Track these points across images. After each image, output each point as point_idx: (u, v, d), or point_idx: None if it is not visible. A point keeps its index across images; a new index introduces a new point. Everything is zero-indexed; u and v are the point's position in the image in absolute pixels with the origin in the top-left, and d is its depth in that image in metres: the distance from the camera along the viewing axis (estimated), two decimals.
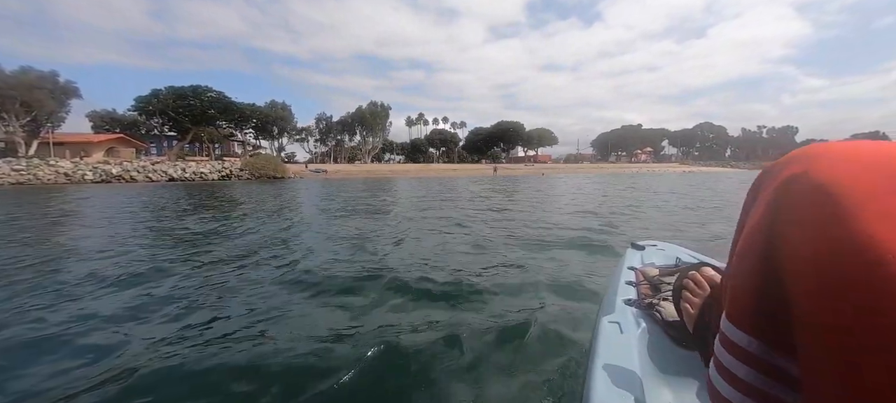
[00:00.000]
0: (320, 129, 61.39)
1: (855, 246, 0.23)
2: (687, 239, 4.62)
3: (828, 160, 0.28)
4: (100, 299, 2.73)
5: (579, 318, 2.15)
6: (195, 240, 4.98)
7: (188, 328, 2.21)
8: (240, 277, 3.23)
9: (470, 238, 4.88)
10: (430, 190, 16.08)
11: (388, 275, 3.03)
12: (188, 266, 3.64)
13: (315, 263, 3.62)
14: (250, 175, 31.19)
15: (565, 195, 12.60)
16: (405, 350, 1.82)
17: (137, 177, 27.18)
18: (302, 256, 3.96)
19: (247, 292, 2.83)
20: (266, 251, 4.28)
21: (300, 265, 3.56)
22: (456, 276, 3.05)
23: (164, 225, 6.50)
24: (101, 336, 2.11)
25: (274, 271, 3.40)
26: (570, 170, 55.43)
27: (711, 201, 10.18)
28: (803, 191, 0.28)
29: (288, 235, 5.32)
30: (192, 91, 40.99)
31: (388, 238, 4.98)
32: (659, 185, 18.17)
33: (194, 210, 8.88)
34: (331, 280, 3.01)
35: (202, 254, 4.14)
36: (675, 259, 1.43)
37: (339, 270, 3.32)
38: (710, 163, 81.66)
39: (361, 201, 10.61)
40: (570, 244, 4.38)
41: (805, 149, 0.31)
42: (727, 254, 0.34)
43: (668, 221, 6.60)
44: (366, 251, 4.17)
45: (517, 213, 7.62)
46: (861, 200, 0.25)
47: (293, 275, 3.19)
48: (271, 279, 3.14)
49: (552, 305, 2.42)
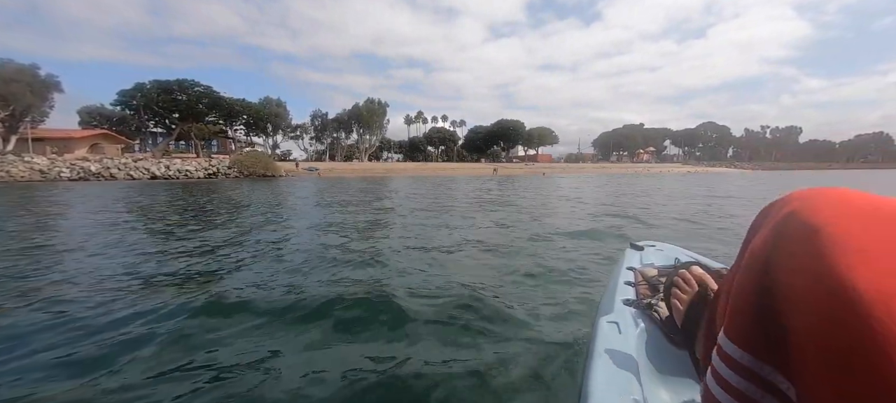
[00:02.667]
0: (316, 127, 59.80)
1: (834, 280, 0.27)
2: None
3: (820, 204, 0.33)
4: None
5: (578, 318, 2.13)
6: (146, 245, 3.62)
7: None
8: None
9: (467, 236, 4.70)
10: (426, 192, 14.71)
11: (377, 276, 2.92)
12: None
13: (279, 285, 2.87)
14: (239, 173, 29.83)
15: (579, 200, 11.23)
16: (397, 349, 1.81)
17: (118, 175, 25.77)
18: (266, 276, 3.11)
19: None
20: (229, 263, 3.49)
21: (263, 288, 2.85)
22: (449, 276, 3.02)
23: (117, 228, 5.12)
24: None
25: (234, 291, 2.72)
26: (573, 170, 54.00)
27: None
28: (797, 228, 0.32)
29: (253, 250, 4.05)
30: (179, 85, 38.92)
31: (379, 240, 4.69)
32: (685, 188, 16.81)
33: (160, 212, 7.59)
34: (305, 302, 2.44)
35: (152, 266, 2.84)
36: (674, 259, 1.40)
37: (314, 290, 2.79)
38: (714, 163, 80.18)
39: (351, 204, 9.26)
40: (571, 237, 4.32)
41: (805, 192, 0.36)
42: (724, 257, 0.40)
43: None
44: (352, 256, 3.78)
45: (517, 216, 7.01)
46: (841, 241, 0.29)
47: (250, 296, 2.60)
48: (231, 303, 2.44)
49: (551, 304, 2.41)
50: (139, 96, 36.89)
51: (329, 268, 3.34)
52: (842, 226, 0.30)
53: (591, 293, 2.55)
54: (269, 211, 8.07)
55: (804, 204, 0.34)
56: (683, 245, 1.69)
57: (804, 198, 0.35)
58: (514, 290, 2.70)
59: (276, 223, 6.31)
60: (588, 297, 2.46)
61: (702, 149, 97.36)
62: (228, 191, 14.49)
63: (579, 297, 2.50)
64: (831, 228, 0.30)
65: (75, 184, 20.13)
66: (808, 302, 0.28)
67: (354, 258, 3.67)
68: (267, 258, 3.80)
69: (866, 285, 0.26)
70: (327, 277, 3.06)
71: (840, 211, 0.31)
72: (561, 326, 2.02)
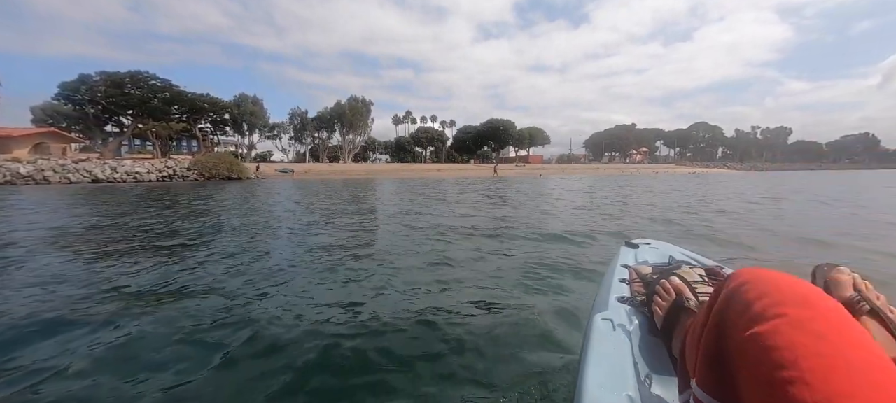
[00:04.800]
0: (295, 126, 56.20)
1: (758, 336, 0.40)
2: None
3: (754, 280, 0.46)
4: None
5: (573, 315, 2.12)
6: None
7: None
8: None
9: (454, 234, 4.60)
10: (402, 196, 11.88)
11: (362, 279, 2.82)
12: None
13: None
14: (199, 175, 26.59)
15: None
16: (393, 347, 1.77)
17: (52, 178, 22.35)
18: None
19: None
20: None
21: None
22: (442, 274, 2.96)
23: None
24: None
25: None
26: (570, 170, 51.63)
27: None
28: (739, 299, 0.46)
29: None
30: (132, 77, 34.03)
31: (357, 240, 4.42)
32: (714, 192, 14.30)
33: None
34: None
35: None
36: (669, 257, 1.39)
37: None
38: (707, 164, 78.93)
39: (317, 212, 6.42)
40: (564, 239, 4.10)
41: (747, 271, 0.49)
42: (717, 253, 0.51)
43: None
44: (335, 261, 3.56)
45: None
46: (765, 308, 0.42)
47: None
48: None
49: (545, 302, 2.37)
50: (83, 89, 31.93)
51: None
52: (764, 300, 0.43)
53: (584, 290, 2.50)
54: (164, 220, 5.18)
55: (745, 280, 0.47)
56: (676, 243, 1.55)
57: (747, 274, 0.48)
58: (507, 287, 2.63)
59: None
60: (582, 295, 2.42)
61: (693, 150, 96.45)
62: (155, 200, 11.43)
63: (573, 294, 2.47)
64: (757, 300, 0.43)
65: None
66: (746, 355, 0.41)
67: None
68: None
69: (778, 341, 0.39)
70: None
71: (767, 288, 0.44)
72: (555, 323, 2.02)
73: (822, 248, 4.13)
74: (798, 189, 14.79)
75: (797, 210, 7.69)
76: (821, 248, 4.13)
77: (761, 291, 0.45)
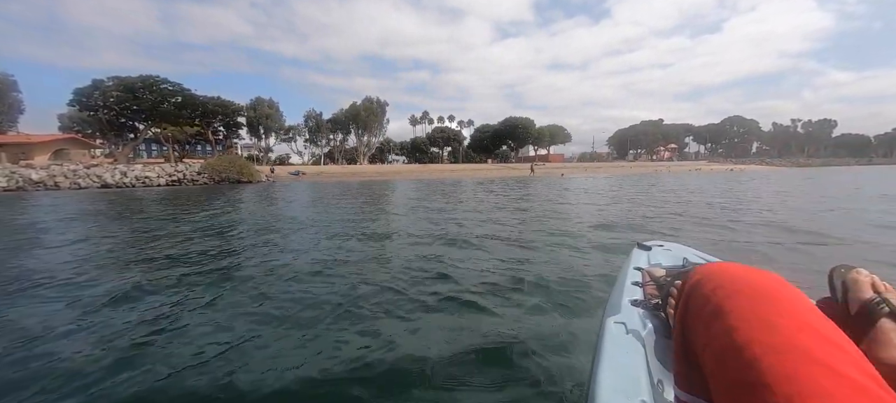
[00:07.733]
0: (310, 128, 55.93)
1: (720, 325, 0.43)
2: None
3: (711, 276, 0.49)
4: None
5: (585, 319, 2.13)
6: None
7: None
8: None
9: (470, 235, 4.54)
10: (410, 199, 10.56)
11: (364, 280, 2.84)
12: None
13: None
14: (210, 179, 26.23)
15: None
16: (404, 355, 1.77)
17: (63, 184, 22.32)
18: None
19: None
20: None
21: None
22: (456, 279, 2.92)
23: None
24: None
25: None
26: (593, 169, 49.13)
27: None
28: (698, 294, 0.49)
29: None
30: (143, 82, 34.27)
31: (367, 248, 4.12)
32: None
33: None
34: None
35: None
36: (682, 259, 1.38)
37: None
38: (744, 160, 73.98)
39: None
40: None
41: (705, 267, 0.53)
42: (731, 254, 0.56)
43: None
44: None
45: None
46: (722, 299, 0.45)
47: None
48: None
49: (557, 306, 2.37)
50: (97, 95, 32.46)
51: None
52: (718, 293, 0.46)
53: (597, 293, 2.49)
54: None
55: (702, 277, 0.50)
56: (690, 245, 1.52)
57: (704, 271, 0.51)
58: (519, 291, 2.62)
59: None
60: (595, 298, 2.42)
61: (725, 146, 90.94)
62: (155, 205, 10.53)
63: (585, 298, 2.45)
64: (714, 293, 0.46)
65: (4, 197, 16.69)
66: (707, 348, 0.44)
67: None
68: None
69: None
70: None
71: (722, 281, 0.47)
72: (567, 327, 2.04)
73: None
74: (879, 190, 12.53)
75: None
76: None
77: (716, 284, 0.47)
